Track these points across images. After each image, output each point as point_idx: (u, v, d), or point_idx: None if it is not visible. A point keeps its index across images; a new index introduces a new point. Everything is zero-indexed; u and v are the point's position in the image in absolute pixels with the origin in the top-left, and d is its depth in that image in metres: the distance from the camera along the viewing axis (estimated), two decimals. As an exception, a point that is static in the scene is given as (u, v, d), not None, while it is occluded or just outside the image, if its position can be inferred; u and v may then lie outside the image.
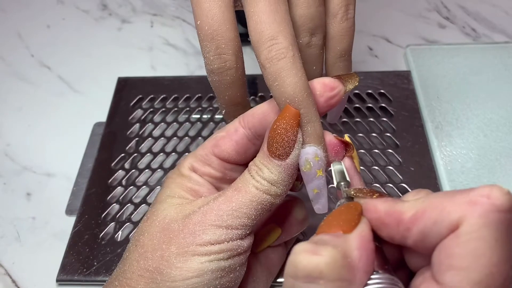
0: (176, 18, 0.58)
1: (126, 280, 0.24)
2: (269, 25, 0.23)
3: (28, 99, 0.50)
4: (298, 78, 0.23)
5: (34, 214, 0.41)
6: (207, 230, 0.23)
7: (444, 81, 0.46)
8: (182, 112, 0.45)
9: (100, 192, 0.40)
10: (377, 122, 0.42)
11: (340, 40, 0.28)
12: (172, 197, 0.26)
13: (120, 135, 0.43)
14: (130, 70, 0.51)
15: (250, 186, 0.24)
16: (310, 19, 0.26)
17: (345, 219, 0.19)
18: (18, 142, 0.47)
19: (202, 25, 0.24)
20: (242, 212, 0.24)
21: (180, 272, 0.23)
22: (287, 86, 0.23)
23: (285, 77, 0.23)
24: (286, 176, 0.24)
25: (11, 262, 0.38)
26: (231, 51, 0.25)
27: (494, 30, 0.54)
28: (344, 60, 0.29)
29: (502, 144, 0.41)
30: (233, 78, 0.26)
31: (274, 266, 0.31)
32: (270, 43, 0.23)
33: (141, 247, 0.25)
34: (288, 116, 0.23)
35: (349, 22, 0.27)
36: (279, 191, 0.24)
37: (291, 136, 0.23)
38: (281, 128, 0.23)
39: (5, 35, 0.57)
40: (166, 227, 0.24)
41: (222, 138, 0.26)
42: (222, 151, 0.26)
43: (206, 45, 0.25)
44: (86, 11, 0.60)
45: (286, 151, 0.23)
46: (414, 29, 0.54)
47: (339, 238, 0.17)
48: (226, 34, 0.24)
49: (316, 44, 0.27)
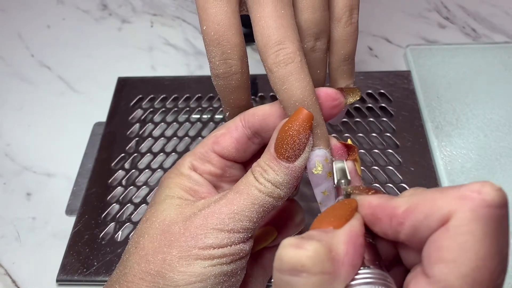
0: (176, 18, 0.58)
1: (127, 284, 0.24)
2: (276, 30, 0.23)
3: (28, 99, 0.50)
4: (306, 82, 0.23)
5: (34, 214, 0.41)
6: (209, 234, 0.23)
7: (444, 81, 0.46)
8: (182, 112, 0.45)
9: (100, 192, 0.40)
10: (377, 122, 0.42)
11: (344, 44, 0.28)
12: (172, 197, 0.26)
13: (120, 135, 0.43)
14: (130, 70, 0.51)
15: (252, 189, 0.24)
16: (315, 24, 0.26)
17: (337, 215, 0.19)
18: (18, 142, 0.47)
19: (208, 31, 0.25)
20: (244, 215, 0.24)
21: (183, 277, 0.23)
22: (296, 89, 0.23)
23: (293, 81, 0.23)
24: (292, 179, 0.24)
25: (11, 262, 0.38)
26: (237, 56, 0.25)
27: (494, 30, 0.54)
28: (348, 64, 0.29)
29: (502, 144, 0.41)
30: (238, 83, 0.26)
31: (270, 265, 0.31)
32: (278, 48, 0.23)
33: (141, 249, 0.25)
34: (302, 118, 0.23)
35: (353, 26, 0.28)
36: (283, 194, 0.24)
37: (303, 138, 0.23)
38: (293, 130, 0.23)
39: (5, 35, 0.58)
40: (166, 229, 0.24)
41: (223, 135, 0.27)
42: (222, 148, 0.26)
43: (212, 50, 0.25)
44: (86, 11, 0.60)
45: (296, 154, 0.23)
46: (414, 29, 0.55)
47: (327, 233, 0.18)
48: (232, 39, 0.25)
49: (320, 49, 0.27)
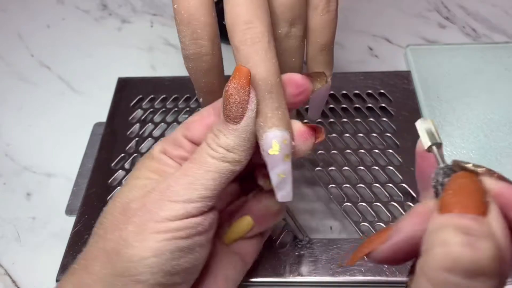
0: (176, 18, 0.58)
1: (85, 262, 0.24)
2: (246, 9, 0.23)
3: (28, 99, 0.50)
4: (271, 63, 0.23)
5: (34, 214, 0.41)
6: (163, 206, 0.23)
7: (444, 81, 0.46)
8: (182, 112, 0.45)
9: (100, 192, 0.40)
10: (377, 122, 0.42)
11: (321, 33, 0.27)
12: (138, 178, 0.26)
13: (120, 135, 0.43)
14: (130, 70, 0.51)
15: (205, 156, 0.24)
16: (290, 8, 0.25)
17: (476, 198, 0.16)
18: (18, 142, 0.47)
19: (178, 9, 0.24)
20: (199, 184, 0.23)
21: (137, 251, 0.22)
22: (260, 68, 0.23)
23: (258, 60, 0.23)
24: (243, 141, 0.23)
25: (11, 262, 0.38)
26: (207, 36, 0.24)
27: (494, 30, 0.54)
28: (325, 54, 0.28)
29: (502, 144, 0.41)
30: (209, 65, 0.26)
31: (249, 255, 0.31)
32: (246, 26, 0.23)
33: (102, 229, 0.25)
34: (239, 75, 0.23)
35: (330, 14, 0.27)
36: (237, 157, 0.24)
37: (242, 95, 0.23)
38: (232, 88, 0.23)
39: (5, 35, 0.57)
40: (126, 207, 0.24)
41: (194, 122, 0.27)
42: (193, 134, 0.26)
43: (182, 29, 0.25)
44: (86, 11, 0.60)
45: (240, 112, 0.23)
46: (414, 29, 0.54)
47: (482, 224, 0.16)
48: (202, 19, 0.24)
49: (295, 35, 0.27)
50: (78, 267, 0.24)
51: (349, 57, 0.52)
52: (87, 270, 0.24)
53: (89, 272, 0.23)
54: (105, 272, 0.23)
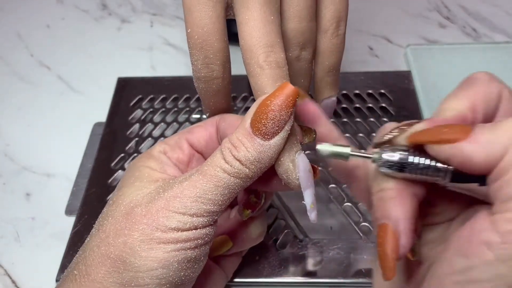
0: (176, 18, 0.58)
1: (86, 268, 0.23)
2: (266, 35, 0.23)
3: (28, 99, 0.50)
4: None
5: (33, 214, 0.41)
6: (171, 217, 0.22)
7: (444, 81, 0.46)
8: (182, 112, 0.45)
9: (100, 192, 0.39)
10: (378, 122, 0.42)
11: (330, 55, 0.28)
12: (141, 180, 0.25)
13: (120, 135, 0.43)
14: (130, 70, 0.51)
15: (217, 170, 0.22)
16: (301, 33, 0.26)
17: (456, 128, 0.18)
18: (18, 142, 0.47)
19: (192, 34, 0.25)
20: (208, 199, 0.22)
21: (145, 262, 0.22)
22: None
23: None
24: (264, 159, 0.22)
25: (10, 263, 0.38)
26: (219, 61, 0.25)
27: (494, 30, 0.54)
28: (332, 75, 0.29)
29: (502, 144, 0.41)
30: (219, 87, 0.26)
31: (228, 269, 0.32)
32: (268, 49, 0.23)
33: (103, 232, 0.23)
34: (287, 93, 0.21)
35: (339, 38, 0.28)
36: (251, 174, 0.22)
37: (284, 115, 0.21)
38: (276, 104, 0.21)
39: (5, 34, 0.57)
40: (130, 212, 0.23)
41: (198, 127, 0.27)
42: (193, 138, 0.27)
43: (194, 53, 0.25)
44: (86, 10, 0.60)
45: (274, 131, 0.22)
46: (415, 29, 0.54)
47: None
48: (215, 45, 0.25)
49: (305, 58, 0.27)
50: (78, 274, 0.23)
51: (350, 57, 0.52)
52: (90, 278, 0.22)
53: (92, 279, 0.22)
54: (111, 281, 0.22)
